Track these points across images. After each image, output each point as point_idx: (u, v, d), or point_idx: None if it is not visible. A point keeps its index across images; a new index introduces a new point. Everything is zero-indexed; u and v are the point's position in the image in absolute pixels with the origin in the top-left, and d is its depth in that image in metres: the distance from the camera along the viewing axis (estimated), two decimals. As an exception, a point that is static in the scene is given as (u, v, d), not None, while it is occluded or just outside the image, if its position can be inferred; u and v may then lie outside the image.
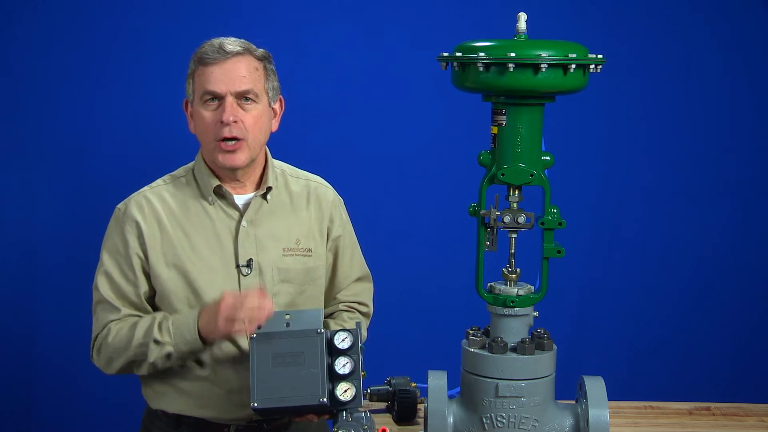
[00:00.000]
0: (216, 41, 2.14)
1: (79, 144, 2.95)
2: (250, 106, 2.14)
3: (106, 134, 2.95)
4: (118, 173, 2.91)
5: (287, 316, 1.98)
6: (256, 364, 1.87)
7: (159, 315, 2.13)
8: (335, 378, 1.87)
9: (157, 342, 2.08)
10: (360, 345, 1.91)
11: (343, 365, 1.87)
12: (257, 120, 2.15)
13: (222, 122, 2.10)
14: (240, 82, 2.12)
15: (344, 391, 1.86)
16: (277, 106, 2.24)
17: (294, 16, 2.98)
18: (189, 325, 2.07)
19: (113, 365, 2.15)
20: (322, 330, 1.89)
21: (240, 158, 2.14)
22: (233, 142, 2.12)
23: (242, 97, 2.13)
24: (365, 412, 1.86)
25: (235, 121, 2.10)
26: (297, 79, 2.27)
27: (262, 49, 2.19)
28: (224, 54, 2.11)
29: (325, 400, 1.83)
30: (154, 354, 2.08)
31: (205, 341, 2.08)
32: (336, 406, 1.86)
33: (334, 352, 1.88)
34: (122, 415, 2.76)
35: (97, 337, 2.17)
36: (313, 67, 2.93)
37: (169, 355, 2.09)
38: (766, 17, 3.12)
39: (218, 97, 2.12)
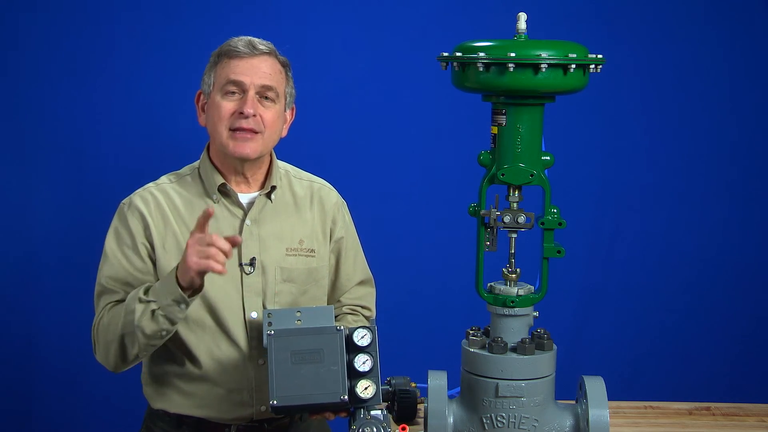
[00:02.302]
0: (244, 38, 2.17)
1: (79, 144, 2.95)
2: (270, 104, 2.16)
3: (106, 134, 2.95)
4: (118, 173, 2.91)
5: (298, 313, 1.98)
6: (274, 361, 1.85)
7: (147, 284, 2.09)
8: (355, 375, 1.86)
9: (141, 301, 2.01)
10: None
11: (363, 362, 1.87)
12: (275, 119, 2.17)
13: (242, 113, 2.12)
14: (265, 78, 2.15)
15: (365, 389, 1.85)
16: (288, 113, 2.26)
17: (293, 16, 2.98)
18: (168, 277, 2.01)
19: (110, 352, 2.08)
20: (342, 327, 1.89)
21: (252, 147, 2.14)
22: (249, 133, 2.13)
23: (264, 94, 2.15)
24: (382, 409, 1.86)
25: (254, 115, 2.12)
26: (296, 79, 2.27)
27: (284, 57, 2.23)
28: (253, 50, 2.15)
29: (345, 397, 1.83)
30: (139, 313, 2.00)
31: (184, 288, 1.98)
32: (356, 403, 1.86)
33: (353, 349, 1.87)
34: (123, 415, 2.77)
35: (95, 325, 2.15)
36: (312, 67, 2.93)
37: (154, 314, 2.00)
38: (766, 17, 3.12)
39: (241, 89, 2.14)
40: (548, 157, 1.86)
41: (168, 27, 2.94)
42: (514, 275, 1.89)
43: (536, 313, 1.90)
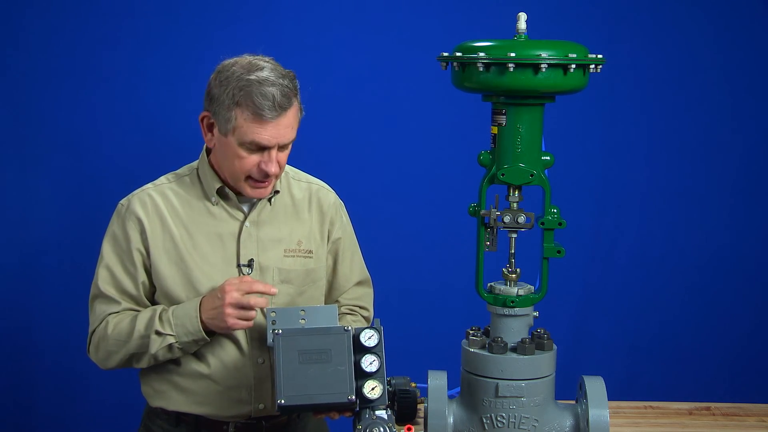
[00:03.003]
0: (269, 93, 2.04)
1: (79, 144, 2.94)
2: (287, 147, 2.14)
3: (106, 134, 2.95)
4: (118, 173, 2.91)
5: (302, 312, 1.99)
6: (282, 360, 1.85)
7: (159, 307, 2.14)
8: (361, 375, 1.86)
9: (158, 333, 2.08)
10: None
11: (370, 363, 1.87)
12: (287, 155, 2.16)
13: (264, 171, 2.10)
14: (288, 135, 2.10)
15: (372, 389, 1.86)
16: None
17: (293, 16, 2.98)
18: (191, 316, 2.08)
19: (112, 359, 2.15)
20: (349, 327, 1.89)
21: (269, 190, 2.17)
22: (267, 182, 2.14)
23: (285, 145, 2.12)
24: (386, 409, 1.86)
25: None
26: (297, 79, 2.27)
27: (295, 81, 2.13)
28: (280, 110, 2.05)
29: (353, 397, 1.84)
30: (156, 345, 2.09)
31: (208, 331, 2.08)
32: (362, 403, 1.86)
33: (360, 350, 1.88)
34: (122, 414, 2.76)
35: (94, 330, 2.17)
36: (312, 67, 2.93)
37: (170, 347, 2.10)
38: (766, 17, 3.12)
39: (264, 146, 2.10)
40: (548, 157, 1.86)
41: (168, 27, 2.93)
42: (514, 275, 1.89)
43: (536, 313, 1.90)
